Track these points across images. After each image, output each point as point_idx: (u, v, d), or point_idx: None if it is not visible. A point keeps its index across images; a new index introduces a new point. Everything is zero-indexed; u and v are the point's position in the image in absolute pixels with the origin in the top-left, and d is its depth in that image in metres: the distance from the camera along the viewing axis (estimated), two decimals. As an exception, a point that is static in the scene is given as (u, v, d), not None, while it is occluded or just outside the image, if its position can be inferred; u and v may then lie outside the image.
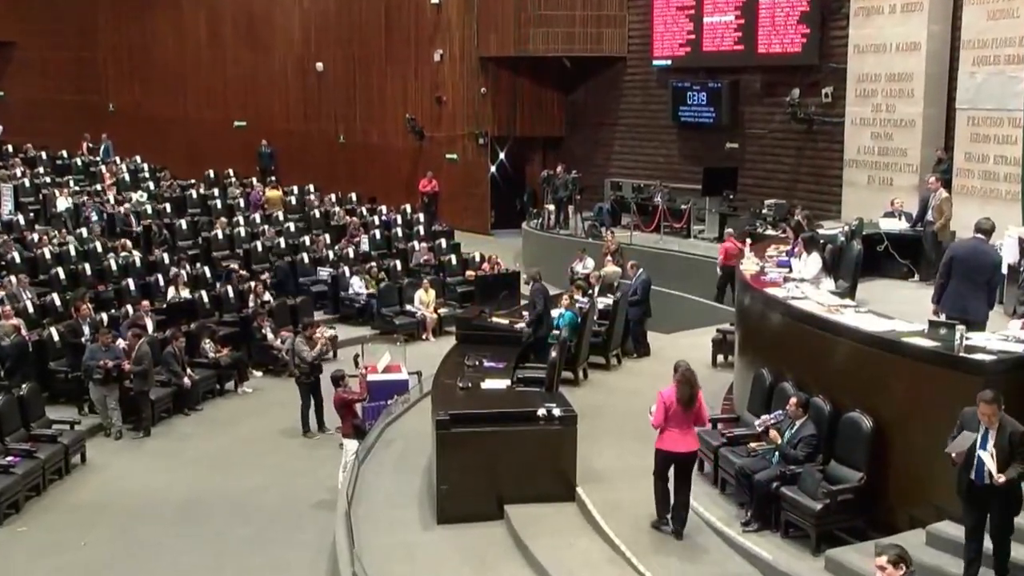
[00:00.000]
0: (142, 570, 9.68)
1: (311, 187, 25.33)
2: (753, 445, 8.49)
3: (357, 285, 18.48)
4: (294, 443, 13.17)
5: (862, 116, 18.20)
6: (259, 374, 15.83)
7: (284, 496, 11.47)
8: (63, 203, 21.29)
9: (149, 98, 30.11)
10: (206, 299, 16.73)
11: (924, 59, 17.07)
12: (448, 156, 25.82)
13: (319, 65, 27.55)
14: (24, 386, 12.20)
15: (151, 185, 24.28)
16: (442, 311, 18.21)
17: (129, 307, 15.85)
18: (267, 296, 17.23)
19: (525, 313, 12.07)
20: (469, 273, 19.98)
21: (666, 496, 8.18)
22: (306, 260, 19.57)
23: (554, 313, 12.42)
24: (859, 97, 18.22)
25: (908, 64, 17.30)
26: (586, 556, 8.02)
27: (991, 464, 6.03)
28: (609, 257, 17.49)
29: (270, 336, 15.99)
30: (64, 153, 26.26)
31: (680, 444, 8.06)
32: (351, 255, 20.19)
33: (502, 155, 26.19)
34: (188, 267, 18.21)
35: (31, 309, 15.30)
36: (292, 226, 21.73)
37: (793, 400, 8.18)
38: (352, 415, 11.14)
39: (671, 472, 8.14)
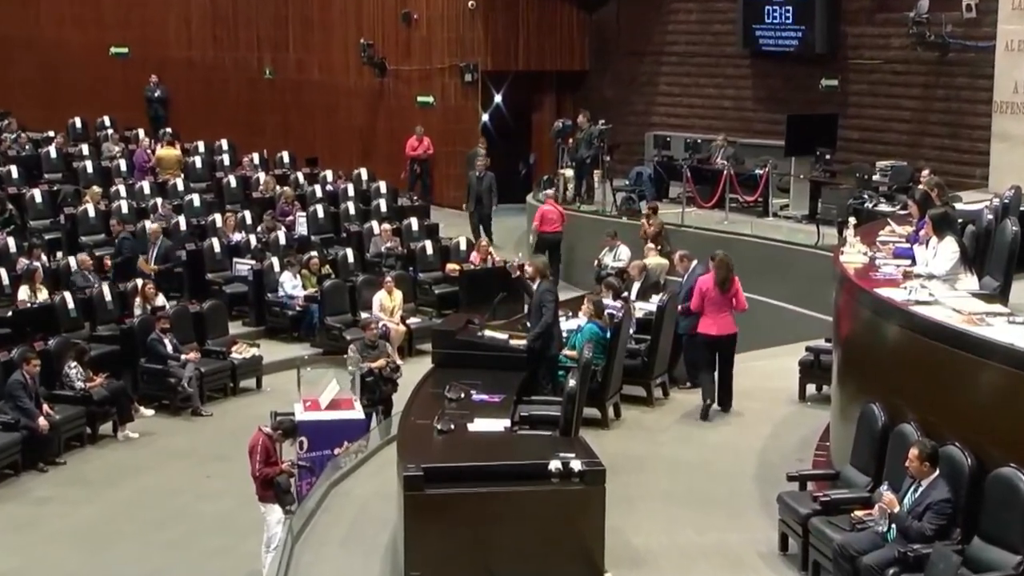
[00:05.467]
0: None
1: (223, 143, 25.36)
2: (859, 514, 8.49)
3: (289, 284, 18.49)
4: (203, 507, 13.18)
5: (1022, 38, 18.24)
6: (149, 412, 15.84)
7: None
8: None
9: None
10: (71, 304, 16.74)
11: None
12: (421, 99, 25.83)
13: (235, -33, 27.67)
14: None
15: (-10, 139, 24.36)
16: (413, 321, 18.23)
17: (-40, 315, 15.88)
18: (160, 300, 17.25)
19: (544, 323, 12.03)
20: (451, 267, 20.00)
21: (712, 385, 12.19)
22: (216, 248, 19.58)
23: (569, 324, 12.41)
24: (1019, 10, 18.23)
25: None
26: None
27: None
28: (651, 244, 17.51)
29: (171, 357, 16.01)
30: None
31: (717, 327, 12.01)
32: (281, 241, 20.23)
33: (498, 98, 26.20)
34: (45, 258, 18.22)
35: None
36: (196, 199, 21.75)
37: (915, 451, 8.19)
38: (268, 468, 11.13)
39: (716, 360, 12.15)
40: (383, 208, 22.39)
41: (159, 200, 21.37)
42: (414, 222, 21.71)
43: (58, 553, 12.23)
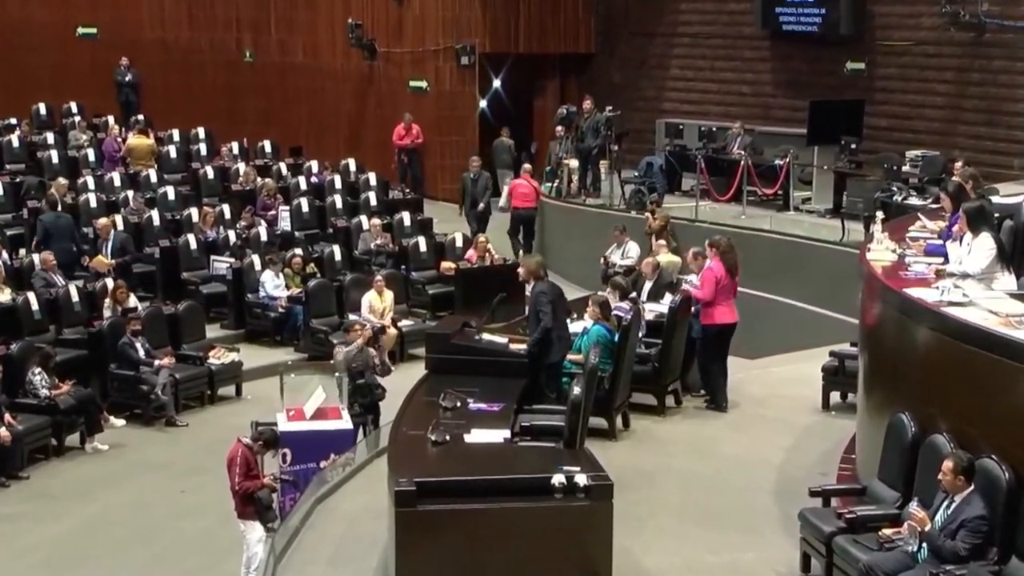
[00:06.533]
0: None
1: (200, 131, 25.36)
2: (888, 532, 8.50)
3: (271, 284, 18.50)
4: (178, 525, 13.17)
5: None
6: (120, 422, 15.83)
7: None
8: None
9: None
10: (35, 305, 16.75)
11: None
12: (414, 84, 25.86)
13: (212, -59, 27.71)
14: None
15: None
16: (405, 323, 18.24)
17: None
18: (132, 301, 17.25)
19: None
20: (447, 265, 20.01)
21: (721, 379, 12.78)
22: (192, 245, 19.59)
23: (575, 327, 12.41)
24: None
25: None
26: None
27: None
28: (662, 242, 17.53)
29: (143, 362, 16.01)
30: None
31: (730, 315, 12.68)
32: (262, 237, 20.24)
33: (497, 83, 26.24)
34: (7, 255, 18.22)
35: None
36: (170, 192, 21.77)
37: (948, 464, 8.20)
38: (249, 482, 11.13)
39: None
40: (373, 202, 22.39)
41: (130, 193, 21.38)
42: (406, 217, 21.70)
43: (24, 574, 12.21)
